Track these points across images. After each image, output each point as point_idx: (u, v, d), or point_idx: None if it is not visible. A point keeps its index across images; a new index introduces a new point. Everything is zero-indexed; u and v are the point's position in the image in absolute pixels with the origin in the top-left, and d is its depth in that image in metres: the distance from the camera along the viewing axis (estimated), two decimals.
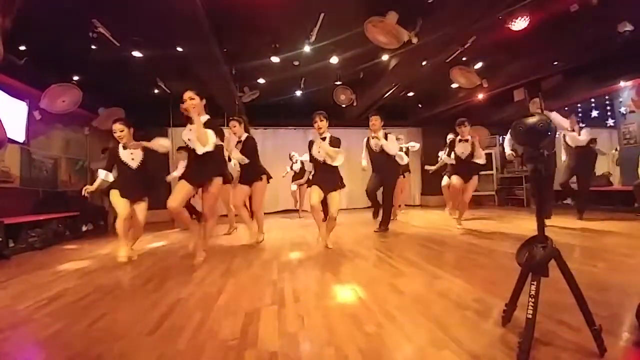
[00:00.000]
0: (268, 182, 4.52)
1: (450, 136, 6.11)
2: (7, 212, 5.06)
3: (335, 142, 3.90)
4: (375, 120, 5.02)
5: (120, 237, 3.75)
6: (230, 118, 4.49)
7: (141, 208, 3.87)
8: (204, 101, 3.22)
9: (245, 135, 4.40)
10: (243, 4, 4.54)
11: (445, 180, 6.91)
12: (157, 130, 8.54)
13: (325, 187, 3.90)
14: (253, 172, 4.35)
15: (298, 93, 8.20)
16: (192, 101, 3.12)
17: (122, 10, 4.43)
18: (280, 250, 4.09)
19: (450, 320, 1.79)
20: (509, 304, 1.62)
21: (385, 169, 5.11)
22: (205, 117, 3.20)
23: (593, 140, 8.11)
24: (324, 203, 3.96)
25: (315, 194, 3.86)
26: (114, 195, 3.76)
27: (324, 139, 3.91)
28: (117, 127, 3.80)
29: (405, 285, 2.45)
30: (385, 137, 5.02)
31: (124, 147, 3.83)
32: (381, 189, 5.25)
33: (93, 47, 5.09)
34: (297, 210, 8.32)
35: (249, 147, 4.33)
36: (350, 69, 6.85)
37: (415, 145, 7.00)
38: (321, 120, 3.90)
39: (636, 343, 1.45)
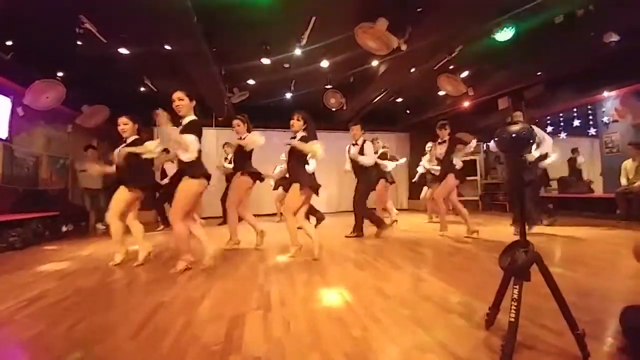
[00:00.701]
0: (259, 181, 4.54)
1: (429, 145, 6.23)
2: None
3: (303, 140, 3.67)
4: (356, 130, 5.24)
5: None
6: (235, 117, 4.49)
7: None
8: (194, 102, 3.19)
9: (246, 134, 4.42)
10: (234, 4, 4.53)
11: (424, 193, 7.13)
12: (142, 129, 8.43)
13: (287, 188, 3.78)
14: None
15: (288, 95, 8.20)
16: (180, 102, 3.10)
17: (110, 6, 4.36)
18: (267, 253, 4.06)
19: (435, 323, 1.81)
20: (492, 307, 1.65)
21: (359, 175, 5.30)
22: (190, 118, 3.15)
23: (575, 150, 8.35)
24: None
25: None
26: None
27: (294, 137, 3.75)
28: (122, 120, 3.77)
29: (391, 289, 2.47)
30: (363, 144, 5.20)
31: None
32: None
33: (79, 43, 5.00)
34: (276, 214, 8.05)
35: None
36: (340, 73, 6.89)
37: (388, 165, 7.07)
38: (298, 120, 3.74)
39: (620, 349, 1.48)
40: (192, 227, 3.31)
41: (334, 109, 8.02)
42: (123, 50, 5.41)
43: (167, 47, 5.30)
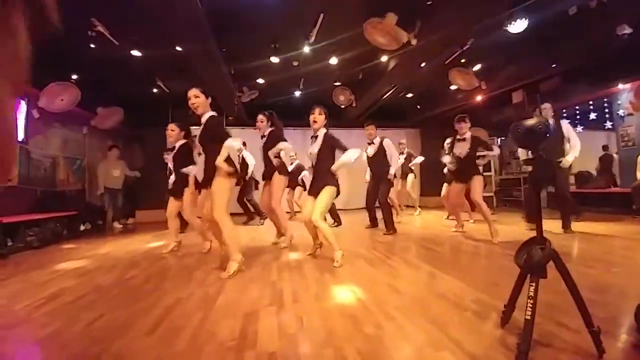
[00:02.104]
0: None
1: (448, 141, 6.03)
2: (5, 211, 5.04)
3: (329, 141, 3.38)
4: (371, 130, 5.22)
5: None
6: (260, 112, 4.33)
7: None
8: (210, 99, 3.14)
9: (268, 130, 4.25)
10: (243, 4, 4.54)
11: (444, 190, 6.81)
12: (156, 130, 8.57)
13: (313, 191, 3.42)
14: (271, 169, 4.21)
15: (297, 93, 8.21)
16: (196, 99, 3.05)
17: (121, 9, 4.42)
18: (280, 250, 4.08)
19: (449, 321, 1.79)
20: (508, 305, 1.62)
21: (378, 172, 5.22)
22: (209, 114, 3.10)
23: (606, 147, 8.21)
24: None
25: (308, 205, 3.40)
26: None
27: (316, 137, 3.45)
28: (170, 126, 4.18)
29: (404, 286, 2.46)
30: (382, 143, 5.22)
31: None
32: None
33: (92, 46, 5.08)
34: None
35: (270, 142, 4.15)
36: (349, 69, 6.87)
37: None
38: (320, 114, 3.40)
39: (635, 345, 1.45)
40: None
41: (343, 106, 8.00)
42: (135, 52, 5.48)
43: (178, 48, 5.36)
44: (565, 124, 4.71)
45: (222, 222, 2.97)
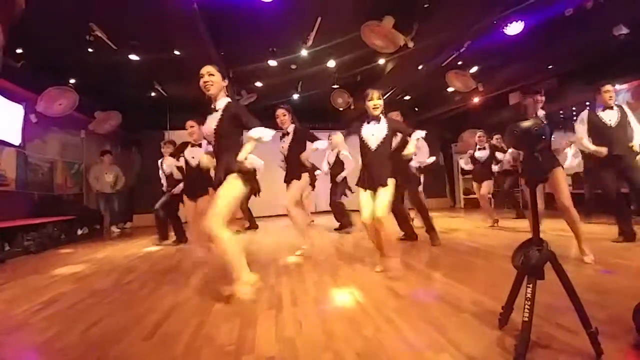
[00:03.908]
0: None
1: (480, 134, 5.71)
2: (2, 216, 5.03)
3: (394, 126, 3.12)
4: (396, 117, 4.41)
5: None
6: (279, 106, 3.94)
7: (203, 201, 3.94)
8: (227, 82, 2.64)
9: (292, 126, 3.90)
10: (241, 7, 4.56)
11: (485, 188, 6.14)
12: (154, 133, 8.58)
13: (374, 183, 2.94)
14: (296, 170, 3.83)
15: (295, 96, 8.22)
16: (211, 77, 2.54)
17: (119, 13, 4.43)
18: (278, 253, 4.07)
19: (448, 323, 1.79)
20: (505, 306, 1.62)
21: (403, 166, 4.19)
22: (225, 101, 2.57)
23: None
24: None
25: (365, 205, 2.94)
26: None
27: (378, 119, 3.07)
28: (189, 123, 4.00)
29: (403, 289, 2.45)
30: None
31: (192, 145, 4.02)
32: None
33: (90, 50, 5.09)
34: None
35: (299, 140, 3.84)
36: (347, 72, 6.89)
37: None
38: (379, 98, 3.04)
39: (634, 346, 1.45)
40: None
41: (341, 109, 8.02)
42: (133, 57, 5.49)
43: (176, 52, 5.37)
44: (625, 107, 4.00)
45: (215, 233, 2.23)
